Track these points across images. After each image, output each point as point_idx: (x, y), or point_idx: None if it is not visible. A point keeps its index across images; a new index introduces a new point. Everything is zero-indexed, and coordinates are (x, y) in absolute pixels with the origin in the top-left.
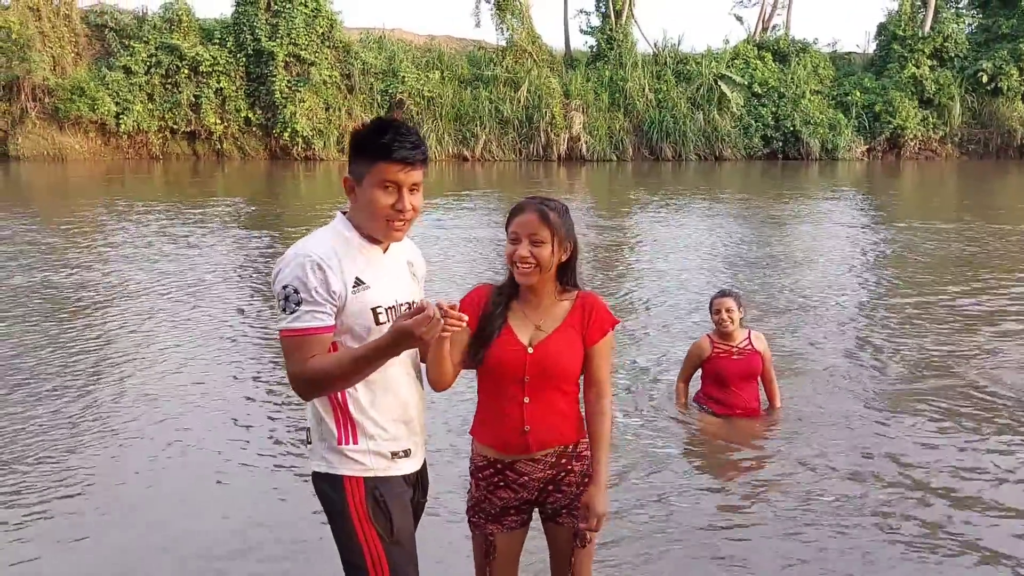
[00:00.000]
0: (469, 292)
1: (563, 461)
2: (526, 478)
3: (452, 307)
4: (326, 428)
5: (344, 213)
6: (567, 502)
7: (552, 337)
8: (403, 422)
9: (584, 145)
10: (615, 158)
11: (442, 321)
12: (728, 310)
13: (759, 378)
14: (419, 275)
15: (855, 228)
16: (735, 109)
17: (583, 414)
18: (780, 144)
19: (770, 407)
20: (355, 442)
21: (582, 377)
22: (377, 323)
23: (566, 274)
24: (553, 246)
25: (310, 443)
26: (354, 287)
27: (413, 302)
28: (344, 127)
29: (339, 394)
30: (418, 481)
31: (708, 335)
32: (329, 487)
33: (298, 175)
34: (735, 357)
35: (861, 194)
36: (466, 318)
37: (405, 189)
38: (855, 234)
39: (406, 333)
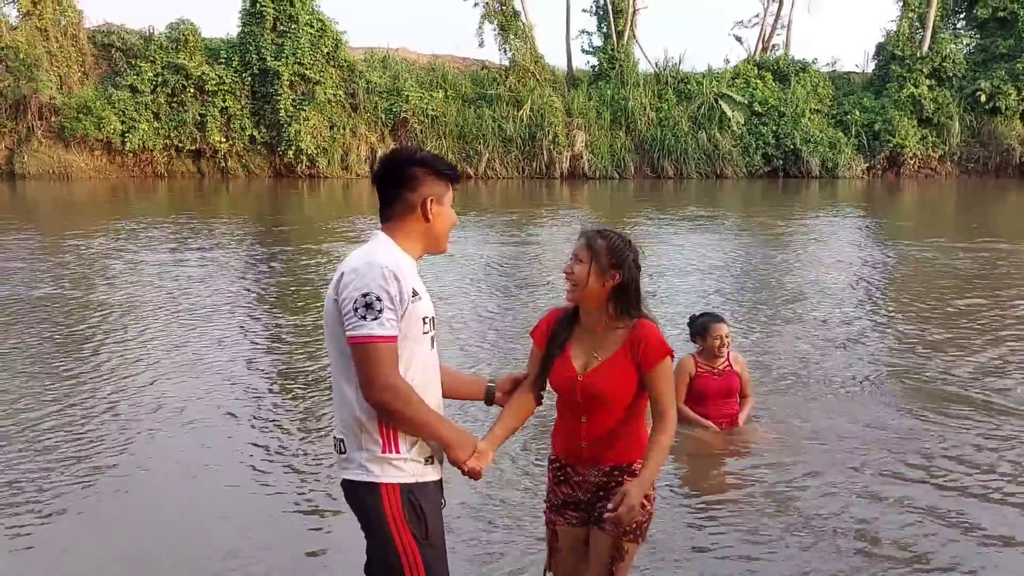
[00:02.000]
0: (543, 317)
1: (616, 473)
2: (582, 479)
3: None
4: (368, 437)
5: (384, 231)
6: None
7: (603, 366)
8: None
9: (586, 163)
10: (617, 176)
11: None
12: (725, 336)
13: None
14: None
15: (855, 245)
16: (735, 128)
17: (643, 435)
18: (781, 162)
19: (734, 421)
20: (397, 450)
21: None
22: (424, 332)
23: (620, 303)
24: (591, 267)
25: (343, 452)
26: (412, 297)
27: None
28: (348, 145)
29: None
30: (441, 484)
31: (693, 355)
32: (367, 493)
33: (302, 193)
34: (716, 377)
35: (861, 212)
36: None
37: None
38: (855, 251)
39: (453, 459)
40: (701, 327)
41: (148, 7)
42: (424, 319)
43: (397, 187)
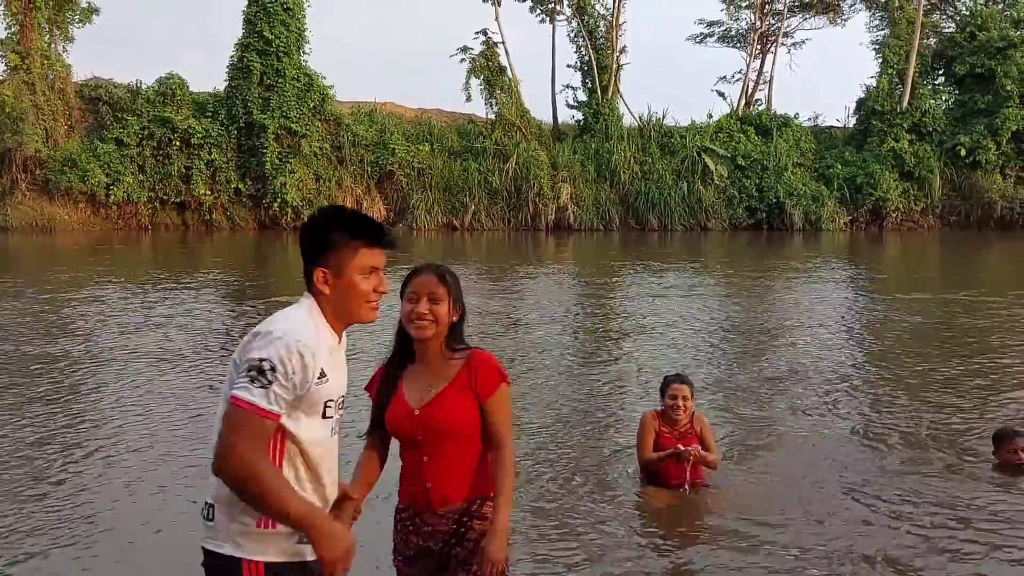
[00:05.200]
0: (374, 373)
1: (464, 519)
2: (431, 528)
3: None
4: (244, 507)
5: (314, 297)
6: (465, 556)
7: (439, 397)
8: (323, 504)
9: (571, 215)
10: (602, 228)
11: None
12: (684, 398)
13: None
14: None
15: (838, 298)
16: (719, 181)
17: (488, 469)
18: (764, 215)
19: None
20: (275, 525)
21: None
22: (324, 416)
23: (455, 336)
24: (449, 304)
25: (211, 520)
26: (319, 378)
27: (345, 398)
28: (333, 197)
29: (279, 467)
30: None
31: (655, 413)
32: (225, 569)
33: (287, 245)
34: (675, 438)
35: (844, 264)
36: None
37: (381, 272)
38: (838, 304)
39: (318, 553)
40: (663, 385)
41: (139, 62)
42: (327, 402)
43: (305, 254)
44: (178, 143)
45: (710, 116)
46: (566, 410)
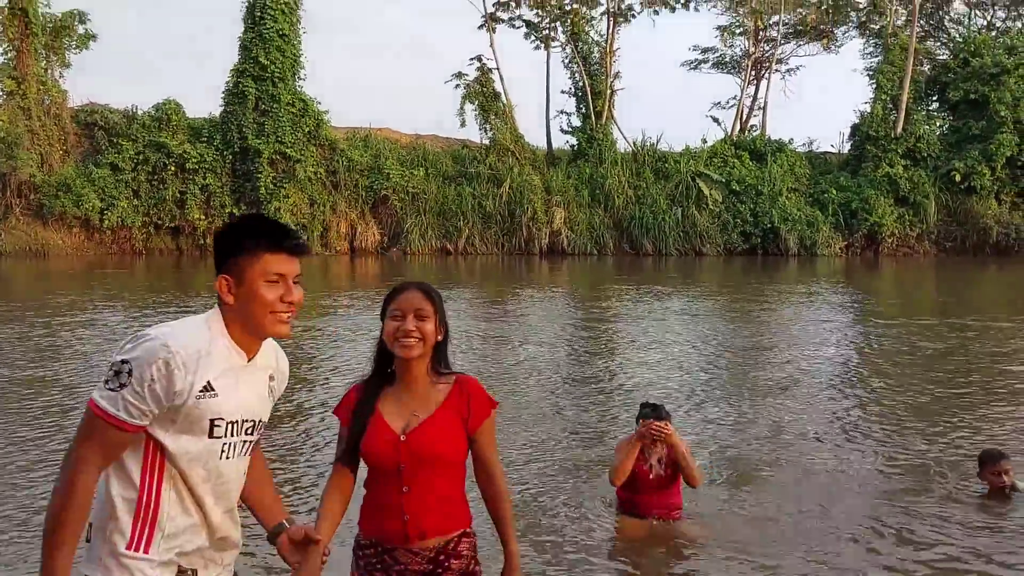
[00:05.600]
0: (346, 392)
1: (441, 558)
2: (402, 567)
3: None
4: (115, 527)
5: (220, 307)
6: None
7: (427, 423)
8: (210, 536)
9: (565, 239)
10: (596, 252)
11: None
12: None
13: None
14: (276, 393)
15: (833, 323)
16: (713, 206)
17: (465, 501)
18: (759, 240)
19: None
20: (146, 550)
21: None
22: (211, 435)
23: (439, 357)
24: (436, 322)
25: (88, 541)
26: (200, 392)
27: (258, 421)
28: (328, 222)
29: (155, 486)
30: None
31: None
32: None
33: None
34: (649, 468)
35: (840, 289)
36: None
37: (290, 280)
38: (832, 328)
39: None
40: (642, 417)
41: (135, 88)
42: (215, 421)
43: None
44: (173, 168)
45: (704, 141)
46: (543, 436)
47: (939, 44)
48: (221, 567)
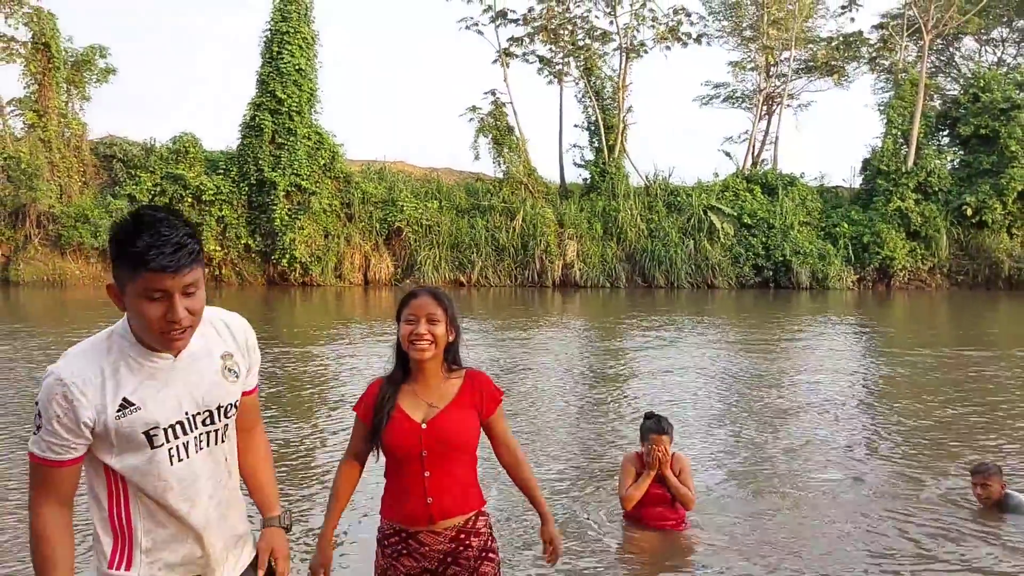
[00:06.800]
0: (365, 390)
1: (462, 536)
2: (427, 548)
3: None
4: (99, 549)
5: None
6: (462, 574)
7: (445, 412)
8: (199, 541)
9: (578, 272)
10: (608, 285)
11: None
12: (664, 450)
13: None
14: (243, 367)
15: (844, 354)
16: (724, 239)
17: (478, 485)
18: (771, 273)
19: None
20: (128, 567)
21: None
22: (153, 446)
23: (451, 355)
24: (447, 324)
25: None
26: (119, 411)
27: (217, 408)
28: (342, 253)
29: (123, 505)
30: None
31: (636, 455)
32: None
33: (295, 299)
34: (655, 484)
35: (852, 322)
36: None
37: (177, 295)
38: (843, 360)
39: None
40: (644, 431)
41: (154, 121)
42: (151, 432)
43: None
44: (189, 199)
45: (716, 175)
46: (554, 451)
47: (949, 79)
48: (230, 568)
